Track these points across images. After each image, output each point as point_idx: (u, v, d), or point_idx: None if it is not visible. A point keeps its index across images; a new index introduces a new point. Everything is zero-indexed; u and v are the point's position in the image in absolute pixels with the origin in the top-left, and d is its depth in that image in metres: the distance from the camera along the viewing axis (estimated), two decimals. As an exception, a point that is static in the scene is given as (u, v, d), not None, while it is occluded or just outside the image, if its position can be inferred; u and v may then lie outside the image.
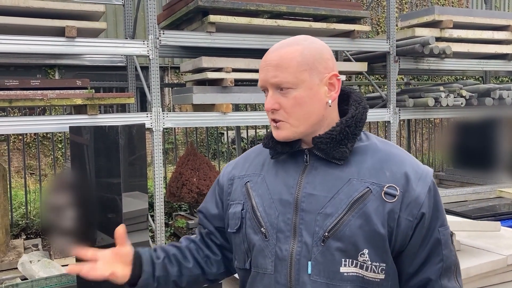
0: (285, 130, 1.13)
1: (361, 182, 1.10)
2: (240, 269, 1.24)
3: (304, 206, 1.11)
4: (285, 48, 1.13)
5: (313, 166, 1.15)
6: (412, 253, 1.11)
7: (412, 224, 1.09)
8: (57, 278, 3.46)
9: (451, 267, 1.14)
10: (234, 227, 1.21)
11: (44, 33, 3.92)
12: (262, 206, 1.16)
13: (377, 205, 1.08)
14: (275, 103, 1.12)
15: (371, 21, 11.18)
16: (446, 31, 5.47)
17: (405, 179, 1.11)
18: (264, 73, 1.13)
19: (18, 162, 8.42)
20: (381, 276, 1.09)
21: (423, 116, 5.89)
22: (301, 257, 1.10)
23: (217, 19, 4.32)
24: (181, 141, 8.93)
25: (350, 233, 1.07)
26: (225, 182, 1.29)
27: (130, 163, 3.20)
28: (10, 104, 3.73)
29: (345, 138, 1.12)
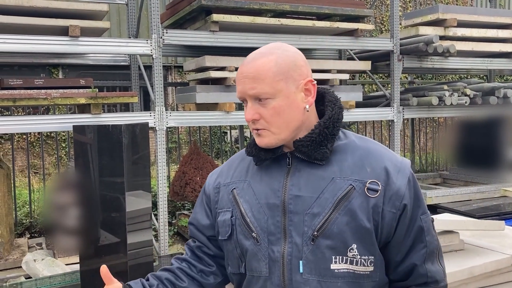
0: (267, 138, 1.17)
1: (344, 180, 1.15)
2: (234, 274, 1.26)
3: (291, 208, 1.15)
4: (259, 59, 1.15)
5: (296, 168, 1.18)
6: (398, 243, 1.17)
7: (396, 216, 1.15)
8: (61, 277, 3.47)
9: (434, 251, 1.20)
10: (225, 235, 1.24)
11: (47, 33, 3.93)
12: (251, 212, 1.19)
13: (361, 201, 1.13)
14: (255, 114, 1.16)
15: (374, 19, 11.15)
16: (450, 30, 5.44)
17: (385, 173, 1.16)
18: (242, 85, 1.16)
19: (22, 161, 8.44)
20: (370, 269, 1.14)
21: (427, 115, 5.87)
22: (293, 257, 1.13)
23: (220, 18, 4.31)
24: (185, 140, 8.93)
25: (338, 230, 1.11)
26: (211, 191, 1.32)
27: (133, 162, 3.20)
28: (14, 103, 3.74)
29: (324, 139, 1.17)
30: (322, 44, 4.95)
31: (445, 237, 2.83)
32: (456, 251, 2.86)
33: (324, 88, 1.28)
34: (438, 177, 7.19)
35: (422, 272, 1.17)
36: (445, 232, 2.84)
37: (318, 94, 1.25)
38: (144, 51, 4.16)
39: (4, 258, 4.16)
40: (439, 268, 1.20)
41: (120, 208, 3.08)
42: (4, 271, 4.05)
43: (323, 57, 5.83)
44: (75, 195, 3.45)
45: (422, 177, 7.15)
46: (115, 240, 3.11)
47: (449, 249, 2.84)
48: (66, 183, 4.32)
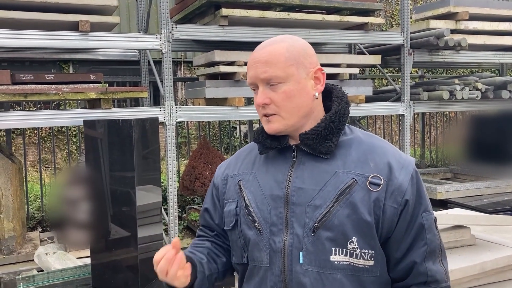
0: (277, 123, 1.18)
1: (346, 174, 1.16)
2: (238, 265, 1.28)
3: (294, 200, 1.16)
4: (271, 45, 1.19)
5: (301, 161, 1.20)
6: (398, 239, 1.17)
7: (397, 211, 1.15)
8: (72, 270, 3.51)
9: (436, 250, 1.19)
10: (230, 224, 1.26)
11: (58, 28, 3.95)
12: (255, 202, 1.21)
13: (363, 194, 1.14)
14: (266, 98, 1.17)
15: (384, 13, 11.05)
16: (462, 23, 5.38)
17: (388, 168, 1.17)
18: (254, 70, 1.18)
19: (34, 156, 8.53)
20: (370, 263, 1.14)
21: (438, 110, 5.82)
22: (293, 248, 1.15)
23: (230, 12, 4.30)
24: (194, 135, 8.95)
25: (338, 222, 1.13)
26: (220, 183, 1.35)
27: (143, 156, 3.22)
28: (25, 98, 3.77)
29: (330, 133, 1.18)
30: (332, 38, 4.92)
31: (456, 232, 2.81)
32: (467, 246, 2.84)
33: (332, 84, 1.29)
34: (448, 172, 7.14)
35: (421, 271, 1.16)
36: (456, 227, 2.83)
37: (326, 90, 1.26)
38: (154, 46, 4.17)
39: (17, 251, 4.21)
40: (441, 268, 1.19)
41: (130, 202, 3.09)
42: (16, 264, 4.10)
43: (332, 51, 5.80)
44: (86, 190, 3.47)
45: (432, 172, 7.10)
46: (125, 234, 3.13)
47: (460, 244, 2.83)
48: (77, 178, 4.35)
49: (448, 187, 5.68)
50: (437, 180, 6.42)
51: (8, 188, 4.20)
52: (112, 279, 3.15)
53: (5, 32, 3.68)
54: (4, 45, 3.75)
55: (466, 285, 2.62)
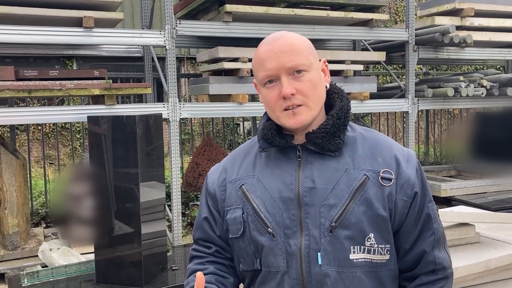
0: (304, 115, 1.14)
1: (357, 171, 1.15)
2: (247, 271, 1.22)
3: (307, 201, 1.14)
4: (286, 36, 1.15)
5: (307, 161, 1.17)
6: (407, 230, 1.18)
7: (407, 204, 1.16)
8: (76, 266, 3.52)
9: (440, 238, 1.21)
10: (238, 233, 1.20)
11: (62, 24, 3.95)
12: (264, 207, 1.16)
13: (376, 190, 1.14)
14: (293, 88, 1.12)
15: (389, 10, 11.00)
16: (467, 20, 5.35)
17: (395, 162, 1.17)
18: (276, 60, 1.12)
19: (38, 152, 8.55)
20: (387, 257, 1.15)
21: (442, 107, 5.79)
22: (310, 250, 1.12)
23: (234, 8, 4.29)
24: (197, 131, 8.95)
25: (356, 220, 1.12)
26: (217, 189, 1.26)
27: (147, 153, 3.21)
28: (29, 94, 3.77)
29: (337, 130, 1.16)
30: (337, 34, 4.90)
31: (461, 229, 2.80)
32: (472, 244, 2.83)
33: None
34: (452, 170, 7.12)
35: (430, 259, 1.18)
36: (461, 224, 2.81)
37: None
38: (158, 42, 4.16)
39: (21, 247, 4.23)
40: (446, 255, 1.21)
41: (134, 198, 3.09)
42: (21, 259, 4.12)
43: (337, 47, 5.78)
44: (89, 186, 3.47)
45: (436, 169, 7.07)
46: (129, 230, 3.13)
47: (464, 242, 2.81)
48: (81, 174, 4.36)
49: (452, 185, 5.66)
50: (441, 178, 6.40)
51: (12, 184, 4.21)
52: (115, 275, 3.15)
53: (9, 28, 3.68)
54: (9, 41, 3.76)
55: (471, 282, 2.61)
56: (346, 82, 4.93)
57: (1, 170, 4.17)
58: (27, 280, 3.19)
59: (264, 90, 1.17)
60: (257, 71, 1.17)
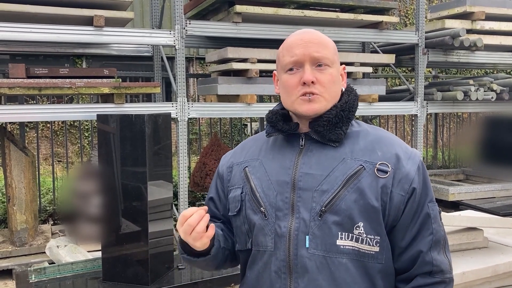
0: (319, 104, 1.19)
1: (354, 161, 1.17)
2: (241, 251, 1.28)
3: (301, 185, 1.17)
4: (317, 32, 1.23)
5: (308, 149, 1.21)
6: (404, 227, 1.17)
7: (404, 199, 1.16)
8: (83, 263, 3.54)
9: (440, 241, 1.19)
10: (235, 210, 1.26)
11: (73, 22, 3.97)
12: (261, 188, 1.22)
13: (370, 180, 1.15)
14: (314, 77, 1.18)
15: (399, 12, 10.96)
16: (478, 23, 5.32)
17: (395, 158, 1.18)
18: (304, 48, 1.19)
19: (46, 149, 8.60)
20: (376, 249, 1.15)
21: (451, 110, 5.76)
22: (299, 232, 1.15)
23: (243, 9, 4.30)
24: (205, 131, 8.97)
25: (345, 206, 1.13)
26: (225, 171, 1.35)
27: (155, 152, 3.22)
28: (39, 92, 3.80)
29: (340, 121, 1.20)
30: (346, 36, 4.89)
31: (469, 234, 2.78)
32: (480, 249, 2.80)
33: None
34: (461, 174, 7.07)
35: (427, 260, 1.16)
36: (469, 229, 2.79)
37: None
38: (167, 42, 4.17)
39: (29, 243, 4.26)
40: (445, 259, 1.19)
41: (141, 197, 3.10)
42: (28, 256, 4.15)
43: (346, 49, 5.77)
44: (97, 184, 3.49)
45: (444, 173, 7.03)
46: (136, 229, 3.14)
47: (472, 246, 2.79)
48: (89, 172, 4.38)
49: (460, 189, 5.62)
50: (449, 182, 6.36)
51: (21, 181, 4.24)
52: (122, 273, 3.16)
53: (21, 26, 3.71)
54: (21, 38, 3.79)
55: (478, 287, 2.59)
56: (355, 84, 4.91)
57: (10, 167, 4.21)
58: (35, 276, 3.21)
59: (286, 76, 1.22)
60: (282, 56, 1.23)
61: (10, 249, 4.18)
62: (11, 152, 4.20)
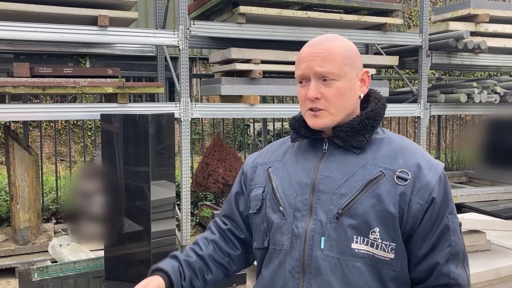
0: (324, 119, 1.21)
1: (375, 167, 1.18)
2: (258, 249, 1.31)
3: (320, 187, 1.19)
4: (329, 42, 1.22)
5: (331, 153, 1.23)
6: (421, 237, 1.16)
7: (423, 208, 1.15)
8: (85, 262, 3.55)
9: (459, 254, 1.18)
10: (255, 208, 1.30)
11: (77, 22, 3.98)
12: (282, 188, 1.25)
13: (389, 187, 1.15)
14: (318, 92, 1.20)
15: (402, 14, 10.95)
16: (482, 25, 5.31)
17: (417, 167, 1.18)
18: (309, 62, 1.20)
19: (49, 148, 8.63)
20: (391, 256, 1.14)
21: (455, 112, 5.75)
22: (315, 233, 1.17)
23: (247, 10, 4.30)
24: (208, 132, 8.98)
25: (362, 211, 1.14)
26: (249, 170, 1.40)
27: (158, 152, 3.23)
28: (43, 91, 3.82)
29: (363, 128, 1.21)
30: (350, 38, 4.81)
31: (471, 236, 2.78)
32: (482, 251, 2.80)
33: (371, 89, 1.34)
34: (463, 176, 7.06)
35: (444, 272, 1.15)
36: (472, 231, 2.79)
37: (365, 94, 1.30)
38: (171, 42, 4.18)
39: (32, 242, 4.27)
40: (463, 273, 1.18)
41: (144, 197, 3.11)
42: (31, 254, 4.16)
43: (349, 51, 5.75)
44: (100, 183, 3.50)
45: (447, 175, 7.00)
46: (139, 228, 3.15)
47: (475, 249, 2.79)
48: (92, 171, 4.39)
49: (463, 191, 5.62)
50: (452, 184, 6.35)
51: (25, 180, 4.25)
52: (124, 272, 3.17)
53: (26, 26, 3.72)
54: (25, 38, 3.80)
55: (480, 290, 2.59)
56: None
57: (14, 165, 4.22)
58: (37, 274, 3.22)
59: (298, 87, 1.26)
60: (295, 68, 1.26)
61: (13, 248, 4.19)
62: (15, 151, 4.22)
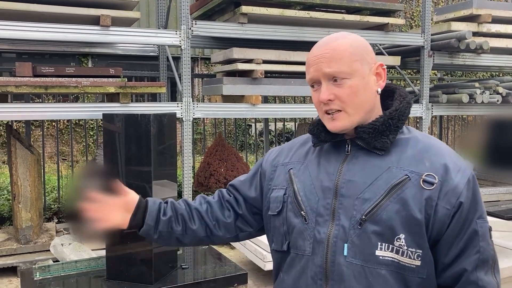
0: (342, 121, 1.17)
1: (400, 170, 1.13)
2: (276, 251, 1.28)
3: (343, 192, 1.15)
4: (334, 41, 1.18)
5: (354, 156, 1.19)
6: (448, 243, 1.12)
7: (450, 213, 1.10)
8: (87, 262, 3.55)
9: (488, 260, 1.13)
10: (275, 210, 1.26)
11: (79, 22, 3.99)
12: (303, 191, 1.21)
13: (415, 191, 1.10)
14: (331, 94, 1.16)
15: (404, 14, 10.95)
16: (484, 26, 5.30)
17: (444, 169, 1.13)
18: (316, 65, 1.17)
19: (51, 148, 8.65)
20: (417, 263, 1.10)
21: (457, 113, 5.74)
22: (338, 240, 1.12)
23: (249, 10, 4.30)
24: (209, 132, 8.99)
25: (387, 217, 1.10)
26: (268, 168, 1.36)
27: (160, 152, 3.23)
28: (46, 91, 3.82)
29: (387, 129, 1.16)
30: (351, 38, 4.88)
31: (473, 237, 2.77)
32: (484, 252, 2.80)
33: (396, 85, 1.29)
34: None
35: (472, 279, 1.10)
36: (473, 232, 2.79)
37: (389, 90, 1.27)
38: (173, 42, 4.19)
39: (33, 241, 4.28)
40: (493, 280, 1.12)
41: (146, 196, 3.10)
42: (33, 253, 4.17)
43: (351, 51, 5.75)
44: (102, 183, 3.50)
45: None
46: (140, 228, 3.15)
47: (476, 250, 2.79)
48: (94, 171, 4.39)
49: (464, 192, 5.60)
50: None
51: (27, 179, 4.26)
52: (126, 271, 3.17)
53: (28, 25, 3.73)
54: (28, 37, 3.81)
55: (482, 291, 2.58)
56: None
57: (16, 165, 4.23)
58: (39, 273, 3.23)
59: (312, 91, 1.21)
60: (306, 73, 1.22)
61: (15, 247, 4.20)
62: (17, 150, 4.23)
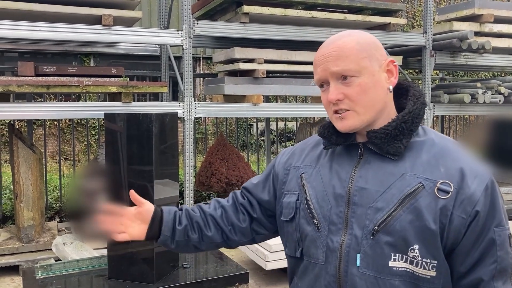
0: (352, 120, 1.13)
1: (414, 177, 1.09)
2: (290, 257, 1.27)
3: (356, 200, 1.12)
4: (340, 40, 1.14)
5: (366, 160, 1.15)
6: (464, 252, 1.08)
7: (465, 222, 1.06)
8: (89, 261, 3.56)
9: (507, 269, 1.09)
10: (288, 216, 1.24)
11: (81, 21, 4.00)
12: (316, 198, 1.18)
13: (429, 200, 1.07)
14: (339, 94, 1.12)
15: (406, 14, 10.94)
16: (486, 26, 5.29)
17: (460, 175, 1.08)
18: (324, 65, 1.14)
19: (53, 147, 8.66)
20: (432, 273, 1.07)
21: (458, 113, 5.74)
22: (351, 249, 1.10)
23: (251, 9, 4.31)
24: (211, 131, 8.99)
25: (400, 227, 1.06)
26: (281, 171, 1.33)
27: (162, 151, 3.24)
28: (48, 90, 3.83)
29: (400, 133, 1.12)
30: (353, 38, 4.88)
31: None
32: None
33: (410, 82, 1.24)
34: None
35: None
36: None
37: (402, 87, 1.23)
38: (175, 42, 4.19)
39: (35, 240, 4.29)
40: None
41: (148, 196, 3.11)
42: (35, 252, 4.18)
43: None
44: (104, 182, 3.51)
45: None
46: (142, 227, 3.15)
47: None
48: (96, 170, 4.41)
49: (466, 192, 5.60)
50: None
51: (29, 178, 4.27)
52: (127, 271, 3.18)
53: (30, 25, 3.74)
54: (30, 37, 3.81)
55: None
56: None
57: (18, 164, 4.24)
58: (41, 272, 3.24)
59: (321, 92, 1.18)
60: (314, 74, 1.20)
61: (17, 246, 4.21)
62: (19, 149, 4.24)
